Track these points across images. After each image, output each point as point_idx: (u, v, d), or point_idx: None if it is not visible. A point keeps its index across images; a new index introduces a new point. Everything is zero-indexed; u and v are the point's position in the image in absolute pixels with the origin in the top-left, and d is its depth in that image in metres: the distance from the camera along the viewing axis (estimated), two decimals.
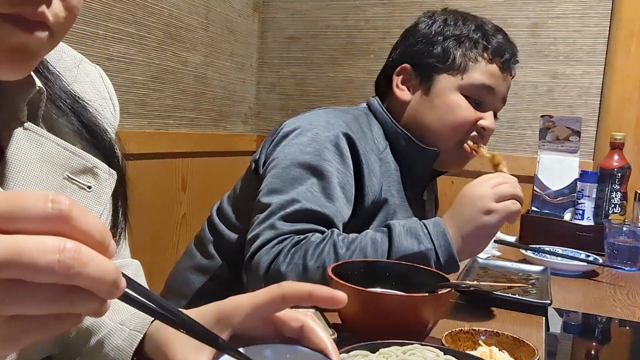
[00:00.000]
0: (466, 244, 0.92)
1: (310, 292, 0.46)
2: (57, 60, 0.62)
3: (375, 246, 0.91)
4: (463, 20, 1.15)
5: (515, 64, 1.17)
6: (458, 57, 1.11)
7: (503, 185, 0.93)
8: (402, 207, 1.15)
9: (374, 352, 0.59)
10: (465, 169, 1.89)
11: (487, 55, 1.11)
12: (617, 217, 1.57)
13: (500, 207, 0.91)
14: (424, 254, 0.90)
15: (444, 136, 1.13)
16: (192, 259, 1.19)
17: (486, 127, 1.13)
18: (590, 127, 1.90)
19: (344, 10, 2.21)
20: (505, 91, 1.17)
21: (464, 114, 1.11)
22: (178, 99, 1.86)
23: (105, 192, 0.60)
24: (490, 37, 1.12)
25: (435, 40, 1.13)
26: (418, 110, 1.14)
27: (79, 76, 0.65)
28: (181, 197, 1.87)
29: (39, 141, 0.54)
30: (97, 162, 0.59)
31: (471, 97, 1.12)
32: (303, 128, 1.05)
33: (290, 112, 2.28)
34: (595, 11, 1.90)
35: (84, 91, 0.64)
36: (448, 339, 0.70)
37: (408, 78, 1.16)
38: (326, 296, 0.47)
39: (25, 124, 0.53)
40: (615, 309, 1.03)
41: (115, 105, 0.71)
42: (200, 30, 1.94)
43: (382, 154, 1.13)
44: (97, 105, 0.64)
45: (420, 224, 0.93)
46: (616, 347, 0.93)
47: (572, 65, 1.93)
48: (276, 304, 0.48)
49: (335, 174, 0.99)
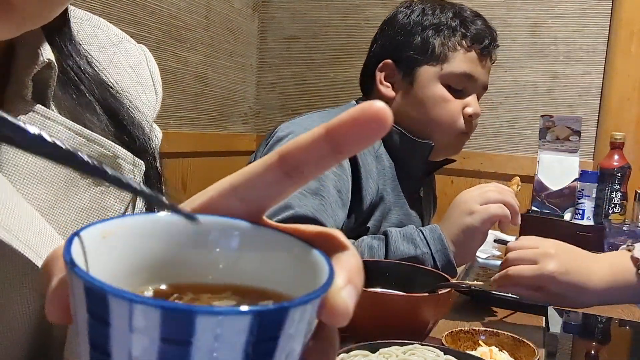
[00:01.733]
0: (457, 247, 0.93)
1: (326, 129, 0.23)
2: (92, 37, 0.53)
3: (372, 252, 0.91)
4: (441, 8, 1.14)
5: (495, 49, 1.16)
6: (437, 47, 1.11)
7: (491, 192, 0.94)
8: (398, 204, 1.15)
9: (374, 352, 0.59)
10: (465, 168, 1.89)
11: (465, 42, 1.11)
12: (617, 217, 1.57)
13: (482, 208, 0.92)
14: (421, 258, 0.90)
15: (436, 130, 1.13)
16: None
17: (472, 114, 1.13)
18: (590, 127, 1.90)
19: (344, 10, 2.21)
20: (486, 77, 1.16)
21: (449, 107, 1.11)
22: (178, 99, 1.86)
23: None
24: (469, 23, 1.12)
25: (414, 31, 1.13)
26: (405, 106, 1.14)
27: (116, 57, 0.56)
28: (181, 197, 1.87)
29: (43, 124, 0.44)
30: (118, 149, 0.48)
31: (452, 86, 1.12)
32: (297, 132, 1.05)
33: (290, 112, 2.28)
34: (595, 11, 1.90)
35: (120, 75, 0.54)
36: (448, 339, 0.70)
37: (391, 74, 1.15)
38: (358, 118, 0.23)
39: (29, 104, 0.44)
40: (615, 309, 1.03)
41: (159, 92, 0.61)
42: (200, 30, 1.94)
43: (378, 151, 1.13)
44: (133, 92, 0.55)
45: (416, 230, 0.94)
46: (616, 347, 0.93)
47: (572, 65, 1.93)
48: (272, 170, 0.25)
49: (331, 177, 0.99)
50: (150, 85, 0.59)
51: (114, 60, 0.55)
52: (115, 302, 0.18)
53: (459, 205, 0.94)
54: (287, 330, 0.20)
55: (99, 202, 0.47)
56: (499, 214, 0.91)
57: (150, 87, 0.59)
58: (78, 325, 0.20)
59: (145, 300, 0.19)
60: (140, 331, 0.18)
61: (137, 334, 0.18)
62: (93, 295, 0.19)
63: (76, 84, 0.49)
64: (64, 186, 0.45)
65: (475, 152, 1.97)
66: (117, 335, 0.19)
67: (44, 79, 0.45)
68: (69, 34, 0.50)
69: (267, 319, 0.19)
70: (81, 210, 0.45)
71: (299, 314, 0.20)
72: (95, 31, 0.55)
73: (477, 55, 1.12)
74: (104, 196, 0.47)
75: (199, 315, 0.18)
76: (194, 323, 0.18)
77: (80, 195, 0.45)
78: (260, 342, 0.19)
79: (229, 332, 0.18)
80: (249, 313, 0.18)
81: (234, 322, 0.18)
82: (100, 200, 0.47)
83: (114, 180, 0.23)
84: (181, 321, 0.18)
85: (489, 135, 1.99)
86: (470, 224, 0.92)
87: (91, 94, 0.49)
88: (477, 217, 0.91)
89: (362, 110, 0.23)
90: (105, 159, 0.47)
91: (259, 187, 0.25)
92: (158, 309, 0.18)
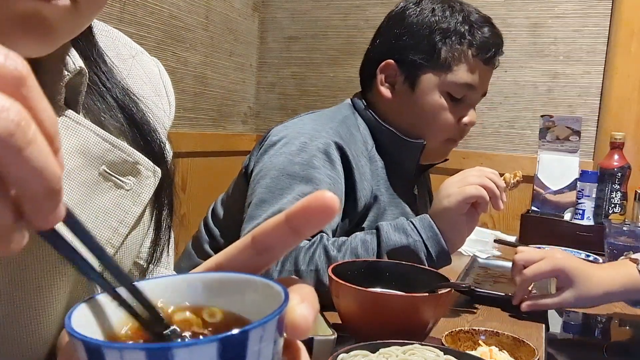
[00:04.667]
0: (443, 233, 0.93)
1: (286, 216, 0.29)
2: (112, 49, 0.57)
3: (366, 245, 0.91)
4: (451, 10, 1.12)
5: (500, 56, 1.15)
6: (443, 53, 1.10)
7: (470, 176, 0.94)
8: (392, 203, 1.14)
9: (374, 352, 0.59)
10: (465, 168, 1.89)
11: (471, 52, 1.10)
12: (617, 217, 1.57)
13: (457, 190, 0.92)
14: (413, 246, 0.90)
15: (428, 135, 1.14)
16: (190, 259, 1.19)
17: (468, 123, 1.14)
18: (590, 127, 1.90)
19: (344, 10, 2.21)
20: (487, 85, 1.16)
21: (446, 117, 1.12)
22: (178, 99, 1.84)
23: (146, 191, 0.53)
24: (476, 30, 1.11)
25: (421, 33, 1.11)
26: (401, 108, 1.14)
27: (134, 69, 0.59)
28: (181, 197, 1.87)
29: (75, 129, 0.48)
30: (140, 157, 0.52)
31: (452, 94, 1.11)
32: (290, 137, 1.05)
33: (290, 112, 2.28)
34: (595, 11, 1.90)
35: (138, 85, 0.58)
36: (448, 339, 0.70)
37: (392, 74, 1.14)
38: (309, 206, 0.28)
39: (61, 109, 0.47)
40: (615, 309, 1.03)
41: (172, 103, 0.65)
42: (200, 30, 1.94)
43: (370, 152, 1.13)
44: (150, 102, 0.58)
45: (407, 221, 0.95)
46: (616, 347, 0.93)
47: (572, 65, 1.93)
48: (246, 251, 0.31)
49: (325, 180, 0.99)
50: (164, 96, 0.63)
51: (132, 71, 0.58)
52: (108, 352, 0.23)
53: (440, 191, 0.95)
54: (252, 349, 0.24)
55: (118, 204, 0.50)
56: (473, 194, 0.91)
57: (164, 97, 0.63)
58: None
59: (130, 345, 0.24)
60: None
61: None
62: (90, 350, 0.23)
63: (101, 90, 0.52)
64: (87, 188, 0.48)
65: (475, 152, 1.97)
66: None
67: (75, 85, 0.48)
68: (94, 42, 0.53)
69: (231, 343, 0.23)
70: (102, 210, 0.50)
71: (259, 334, 0.24)
72: (115, 43, 0.58)
73: (481, 64, 1.11)
74: (123, 199, 0.51)
75: (174, 349, 0.22)
76: (173, 356, 0.22)
77: (101, 197, 0.49)
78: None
79: (202, 358, 0.23)
80: (215, 340, 0.23)
81: (205, 349, 0.23)
82: (119, 202, 0.50)
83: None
84: (162, 356, 0.22)
85: (488, 135, 1.99)
86: (447, 207, 0.92)
87: (114, 100, 0.53)
88: (452, 200, 0.91)
89: (314, 200, 0.28)
90: (127, 165, 0.51)
91: (238, 266, 0.31)
92: (142, 351, 0.22)
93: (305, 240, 0.92)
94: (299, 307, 0.27)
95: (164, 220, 0.57)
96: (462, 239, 0.96)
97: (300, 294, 0.28)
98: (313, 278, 0.87)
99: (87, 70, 0.49)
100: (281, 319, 0.26)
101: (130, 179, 0.51)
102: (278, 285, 0.28)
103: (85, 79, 0.49)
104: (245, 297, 0.29)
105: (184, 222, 1.89)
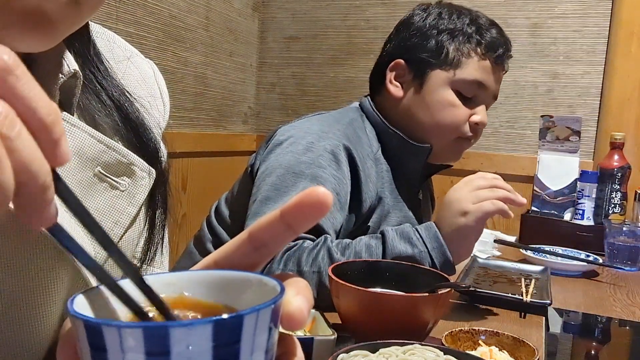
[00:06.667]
0: (452, 247, 0.91)
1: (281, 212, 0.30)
2: (108, 50, 0.57)
3: (370, 251, 0.91)
4: (458, 14, 1.14)
5: (508, 59, 1.16)
6: (451, 52, 1.10)
7: (482, 191, 0.92)
8: (397, 207, 1.14)
9: (374, 352, 0.59)
10: (465, 168, 1.89)
11: (480, 50, 1.11)
12: (617, 217, 1.57)
13: (475, 207, 0.90)
14: (418, 257, 0.90)
15: (438, 134, 1.13)
16: (192, 259, 1.19)
17: (479, 122, 1.13)
18: (590, 127, 1.90)
19: (344, 10, 2.21)
20: (497, 86, 1.16)
21: (456, 112, 1.12)
22: (178, 99, 1.86)
23: (141, 192, 0.53)
24: (484, 31, 1.12)
25: (429, 34, 1.13)
26: (411, 107, 1.14)
27: (129, 71, 0.59)
28: (181, 197, 1.87)
29: (70, 131, 0.48)
30: (134, 158, 0.52)
31: (462, 93, 1.12)
32: (297, 136, 1.05)
33: (290, 112, 2.28)
34: (595, 11, 1.90)
35: (133, 86, 0.58)
36: (448, 339, 0.70)
37: (401, 74, 1.15)
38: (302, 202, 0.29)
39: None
40: (615, 309, 1.03)
41: (166, 104, 0.65)
42: (200, 30, 1.94)
43: (376, 154, 1.13)
44: (146, 103, 0.59)
45: (412, 229, 0.93)
46: (616, 347, 0.93)
47: (572, 65, 1.93)
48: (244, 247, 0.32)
49: (330, 180, 0.99)
50: (158, 97, 0.63)
51: (127, 73, 0.59)
52: (107, 330, 0.23)
53: (450, 205, 0.92)
54: (246, 335, 0.25)
55: (113, 204, 0.51)
56: (492, 211, 0.90)
57: (159, 99, 0.63)
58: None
59: (128, 324, 0.25)
60: (129, 350, 0.23)
61: (127, 353, 0.23)
62: (90, 329, 0.24)
63: (97, 89, 0.52)
64: (82, 190, 0.49)
65: (475, 152, 1.96)
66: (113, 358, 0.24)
67: (69, 87, 0.49)
68: (91, 40, 0.53)
69: (226, 326, 0.24)
70: (97, 211, 0.50)
71: (253, 320, 0.25)
72: (110, 45, 0.59)
73: (491, 64, 1.12)
74: (118, 199, 0.51)
75: (170, 328, 0.23)
76: (169, 335, 0.23)
77: (96, 198, 0.50)
78: (225, 346, 0.24)
79: (197, 339, 0.23)
80: (210, 322, 0.23)
81: (200, 330, 0.23)
82: (114, 203, 0.51)
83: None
84: (159, 335, 0.23)
85: (488, 135, 1.99)
86: (465, 224, 0.90)
87: (110, 99, 0.53)
88: (471, 218, 0.90)
89: (307, 196, 0.28)
90: (122, 166, 0.51)
91: (236, 262, 0.32)
92: (140, 329, 0.23)
93: (309, 241, 0.92)
94: (295, 299, 0.28)
95: (158, 219, 0.57)
96: (469, 252, 0.96)
97: (296, 288, 0.29)
98: (315, 280, 0.87)
99: (81, 72, 0.49)
100: (276, 309, 0.26)
101: (125, 179, 0.51)
102: (274, 280, 0.29)
103: (79, 82, 0.49)
104: (243, 294, 0.30)
105: (184, 222, 1.89)
